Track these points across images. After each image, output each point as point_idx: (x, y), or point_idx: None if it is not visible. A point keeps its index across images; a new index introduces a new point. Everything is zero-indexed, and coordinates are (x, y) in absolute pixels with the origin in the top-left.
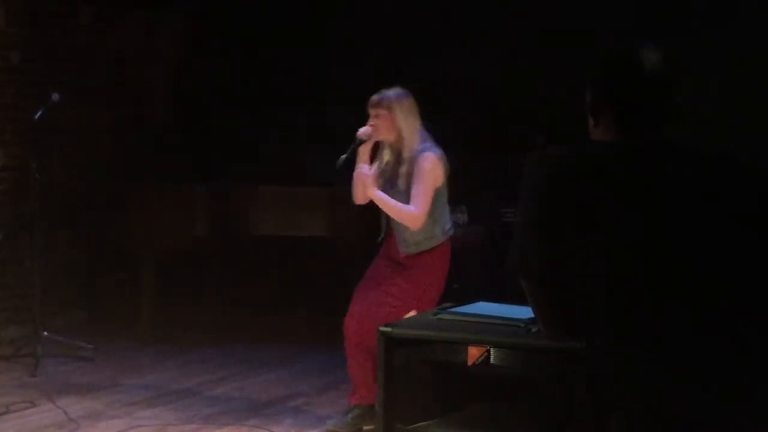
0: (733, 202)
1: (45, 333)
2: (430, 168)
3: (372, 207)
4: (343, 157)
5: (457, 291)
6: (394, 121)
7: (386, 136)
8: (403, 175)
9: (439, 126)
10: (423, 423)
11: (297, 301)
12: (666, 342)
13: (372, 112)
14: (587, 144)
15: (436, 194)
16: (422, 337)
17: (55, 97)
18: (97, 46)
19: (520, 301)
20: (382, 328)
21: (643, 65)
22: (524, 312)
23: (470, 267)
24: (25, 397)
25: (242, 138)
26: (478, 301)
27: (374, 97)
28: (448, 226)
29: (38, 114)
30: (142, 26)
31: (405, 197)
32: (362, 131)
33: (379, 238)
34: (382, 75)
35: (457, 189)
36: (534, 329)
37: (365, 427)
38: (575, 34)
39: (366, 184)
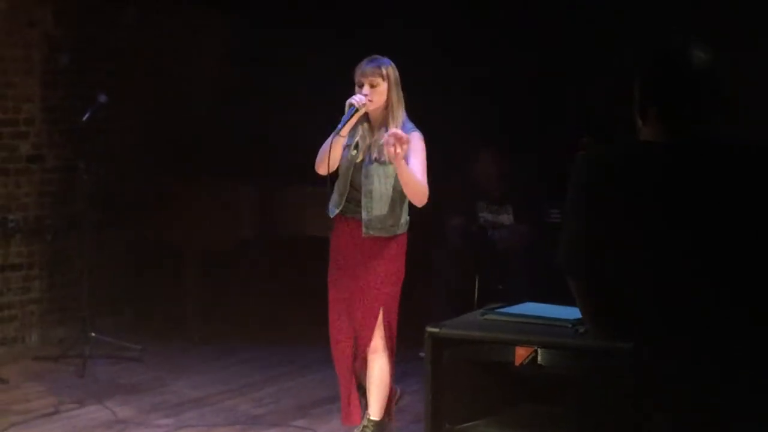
0: None
1: (93, 333)
2: (423, 146)
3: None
4: (339, 127)
5: (502, 292)
6: (386, 92)
7: (377, 106)
8: (382, 152)
9: (487, 127)
10: (470, 423)
11: None
12: (714, 342)
13: (366, 80)
14: (633, 144)
15: None
16: (469, 337)
17: (103, 98)
18: (142, 45)
19: (567, 301)
20: (430, 329)
21: (690, 63)
22: (572, 312)
23: (516, 268)
24: (74, 397)
25: (289, 137)
26: (526, 301)
27: (369, 65)
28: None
29: (86, 115)
30: (186, 25)
31: (390, 171)
32: (357, 99)
33: (334, 213)
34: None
35: (504, 190)
36: (581, 330)
37: None
38: (624, 33)
39: (400, 151)
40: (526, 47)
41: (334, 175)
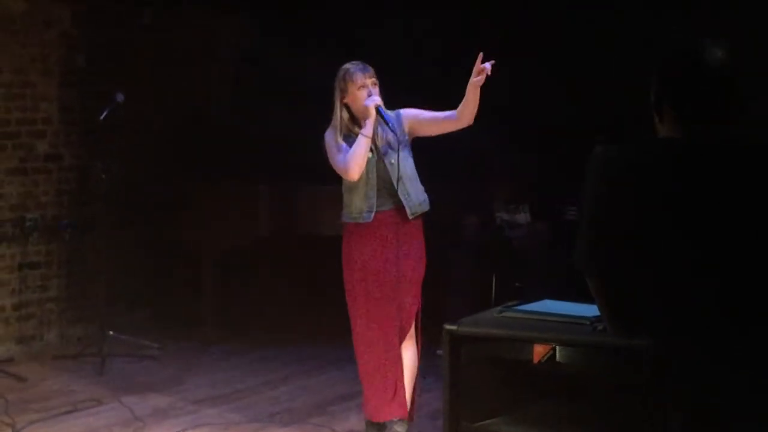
0: None
1: (111, 332)
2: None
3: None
4: (390, 123)
5: (520, 289)
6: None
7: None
8: (392, 138)
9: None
10: (488, 420)
11: None
12: (732, 341)
13: (369, 82)
14: (648, 142)
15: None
16: (488, 335)
17: (120, 97)
18: (159, 45)
19: (585, 299)
20: (448, 326)
21: (706, 63)
22: (590, 310)
23: (534, 265)
24: (92, 395)
25: (306, 137)
26: (544, 299)
27: (364, 68)
28: None
29: (103, 114)
30: (204, 25)
31: (405, 153)
32: (377, 100)
33: (371, 218)
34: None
35: (521, 188)
36: (600, 327)
37: None
38: (636, 32)
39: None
40: (539, 45)
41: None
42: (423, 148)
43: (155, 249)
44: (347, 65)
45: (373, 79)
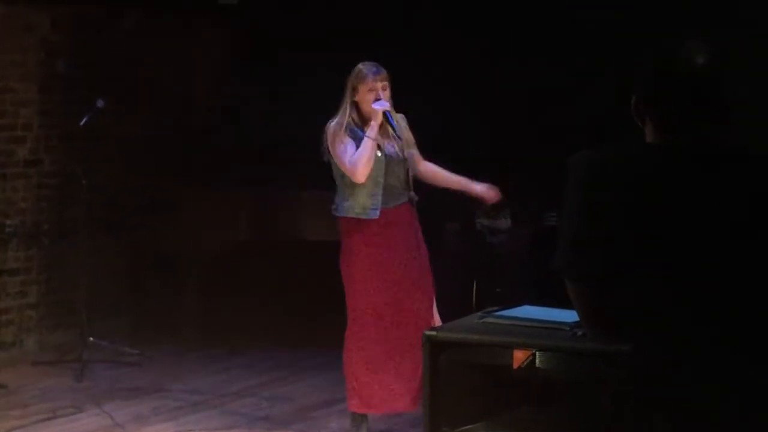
0: None
1: (91, 338)
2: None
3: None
4: (394, 126)
5: (501, 295)
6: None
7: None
8: (401, 142)
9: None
10: (468, 426)
11: (341, 305)
12: (712, 347)
13: (379, 85)
14: (629, 147)
15: None
16: (467, 340)
17: (100, 103)
18: (140, 52)
19: (565, 304)
20: (427, 332)
21: (688, 66)
22: (570, 315)
23: (514, 271)
24: (72, 402)
25: (286, 142)
26: (524, 304)
27: (376, 70)
28: None
29: (83, 120)
30: (185, 32)
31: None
32: (385, 105)
33: (377, 214)
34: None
35: (501, 194)
36: (579, 332)
37: None
38: (617, 37)
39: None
40: (519, 54)
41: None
42: None
43: (135, 255)
44: (361, 65)
45: (384, 83)
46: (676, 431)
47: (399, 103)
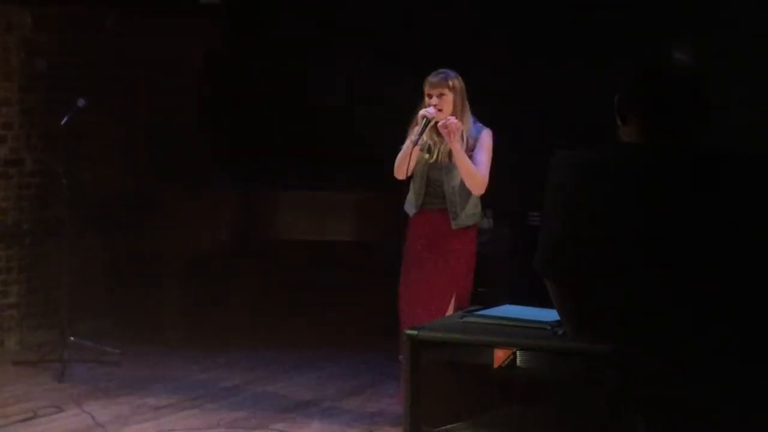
0: (759, 205)
1: (72, 338)
2: (491, 143)
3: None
4: (416, 139)
5: (483, 294)
6: (453, 102)
7: (446, 114)
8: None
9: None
10: (449, 425)
11: (322, 305)
12: (693, 345)
13: (434, 91)
14: (611, 146)
15: None
16: (449, 339)
17: (81, 102)
18: (123, 51)
19: (546, 304)
20: (409, 331)
21: (672, 68)
22: (550, 315)
23: (496, 271)
24: (53, 401)
25: (267, 142)
26: (505, 304)
27: (435, 78)
28: None
29: (65, 119)
30: (168, 31)
31: (454, 175)
32: (430, 112)
33: (413, 213)
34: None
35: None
36: (560, 332)
37: None
38: (595, 37)
39: (453, 134)
40: (500, 52)
41: (406, 180)
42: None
43: (117, 254)
44: (435, 71)
45: (440, 91)
46: (658, 430)
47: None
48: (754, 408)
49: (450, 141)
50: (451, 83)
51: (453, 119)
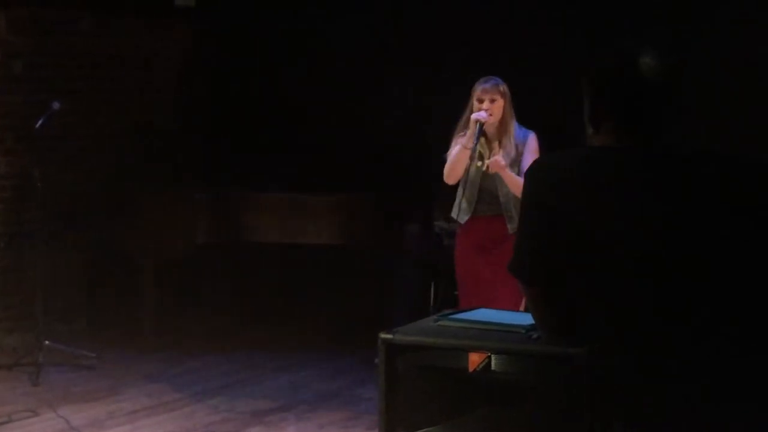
0: (737, 205)
1: (47, 341)
2: (537, 145)
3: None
4: (475, 142)
5: (458, 297)
6: (503, 107)
7: (496, 119)
8: (508, 159)
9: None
10: (424, 429)
11: (299, 308)
12: (669, 349)
13: (487, 96)
14: (586, 150)
15: None
16: (423, 343)
17: (56, 105)
18: (99, 53)
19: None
20: (383, 335)
21: (643, 71)
22: (525, 318)
23: None
24: (27, 405)
25: (246, 144)
26: (479, 307)
27: (488, 84)
28: None
29: (39, 122)
30: (143, 33)
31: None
32: (482, 116)
33: (463, 221)
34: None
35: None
36: (535, 336)
37: None
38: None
39: (500, 167)
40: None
41: (453, 187)
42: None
43: (92, 257)
44: (485, 77)
45: (492, 96)
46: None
47: None
48: (730, 409)
49: (500, 171)
50: (501, 89)
51: (497, 158)
